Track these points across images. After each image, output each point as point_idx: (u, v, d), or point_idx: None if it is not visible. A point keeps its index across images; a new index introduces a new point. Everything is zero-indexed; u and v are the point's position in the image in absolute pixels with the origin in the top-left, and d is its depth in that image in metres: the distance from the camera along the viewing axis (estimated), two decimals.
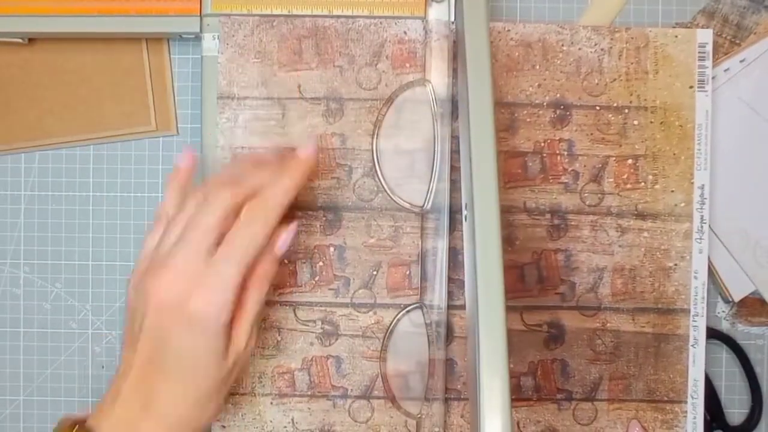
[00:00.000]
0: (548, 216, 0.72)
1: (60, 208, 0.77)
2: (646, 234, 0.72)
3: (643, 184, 0.72)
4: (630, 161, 0.72)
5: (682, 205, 0.72)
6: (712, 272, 0.75)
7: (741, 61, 0.75)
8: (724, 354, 0.77)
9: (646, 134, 0.73)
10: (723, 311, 0.77)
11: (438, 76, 0.70)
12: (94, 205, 0.77)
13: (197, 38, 0.72)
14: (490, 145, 0.57)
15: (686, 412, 0.73)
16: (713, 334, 0.76)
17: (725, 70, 0.75)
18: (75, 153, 0.76)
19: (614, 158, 0.72)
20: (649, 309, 0.72)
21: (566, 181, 0.72)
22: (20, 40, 0.74)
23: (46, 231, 0.77)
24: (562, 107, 0.72)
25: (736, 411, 0.77)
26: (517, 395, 0.72)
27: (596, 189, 0.72)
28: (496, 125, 0.57)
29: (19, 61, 0.76)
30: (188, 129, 0.76)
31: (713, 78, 0.74)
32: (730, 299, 0.76)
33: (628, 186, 0.72)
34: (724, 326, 0.77)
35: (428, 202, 0.70)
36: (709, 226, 0.74)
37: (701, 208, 0.72)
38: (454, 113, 0.70)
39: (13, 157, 0.77)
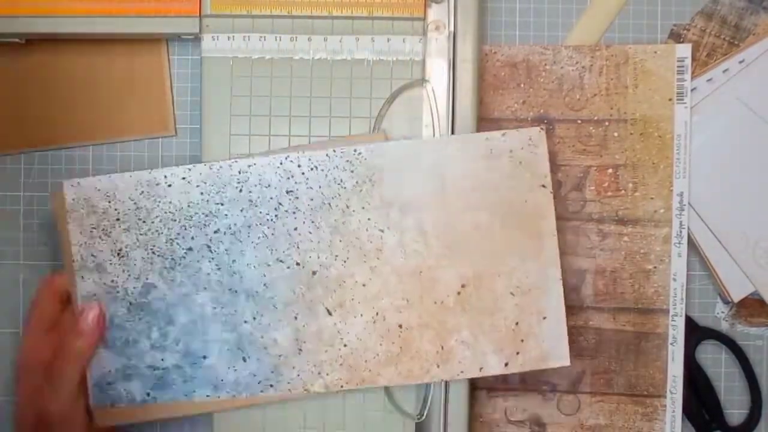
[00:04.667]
0: None
1: None
2: (626, 238, 0.75)
3: (623, 191, 0.75)
4: (610, 170, 0.76)
5: (662, 211, 0.75)
6: (711, 273, 0.75)
7: (740, 62, 0.75)
8: (724, 354, 0.78)
9: (626, 145, 0.76)
10: (722, 312, 0.77)
11: (438, 76, 0.71)
12: None
13: (197, 39, 0.72)
14: None
15: (665, 406, 0.76)
16: (712, 334, 0.77)
17: (724, 71, 0.75)
18: (74, 154, 0.77)
19: (595, 168, 0.76)
20: (630, 309, 0.75)
21: None
22: (17, 41, 0.73)
23: (46, 232, 0.77)
24: (545, 121, 0.77)
25: (735, 411, 0.78)
26: (506, 385, 0.78)
27: (578, 196, 0.75)
28: None
29: (16, 62, 0.76)
30: (187, 130, 0.77)
31: (710, 80, 0.75)
32: (730, 300, 0.76)
33: (609, 194, 0.75)
34: (724, 327, 0.77)
35: None
36: (708, 226, 0.74)
37: (680, 214, 0.75)
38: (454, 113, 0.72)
39: (13, 157, 0.77)
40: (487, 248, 0.70)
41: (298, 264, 0.70)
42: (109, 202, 0.69)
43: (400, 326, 0.70)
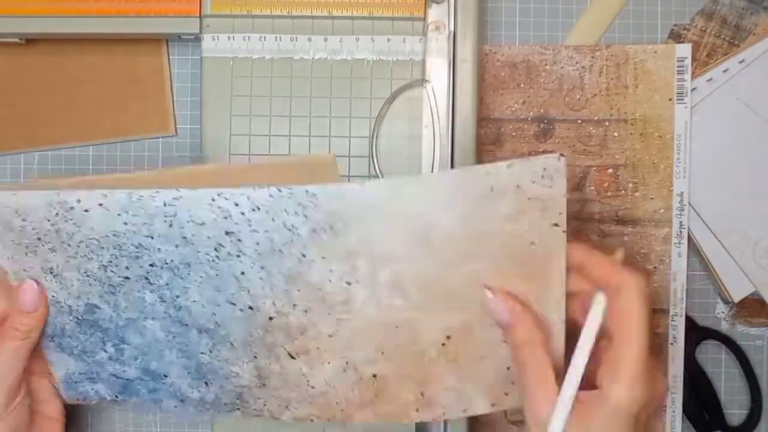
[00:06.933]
0: None
1: None
2: (626, 238, 0.75)
3: (623, 191, 0.75)
4: (610, 170, 0.76)
5: (662, 211, 0.74)
6: (711, 273, 0.75)
7: (740, 62, 0.75)
8: (724, 355, 0.78)
9: (626, 145, 0.76)
10: (722, 312, 0.77)
11: (438, 76, 0.71)
12: None
13: (197, 39, 0.72)
14: None
15: (665, 406, 0.76)
16: (713, 334, 0.77)
17: (724, 71, 0.75)
18: (74, 154, 0.77)
19: (595, 168, 0.76)
20: None
21: None
22: (17, 41, 0.73)
23: None
24: (545, 121, 0.77)
25: (735, 411, 0.78)
26: None
27: (578, 196, 0.75)
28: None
29: (16, 62, 0.76)
30: (187, 130, 0.77)
31: (710, 80, 0.75)
32: (730, 300, 0.76)
33: (609, 194, 0.75)
34: (724, 327, 0.77)
35: None
36: (708, 226, 0.74)
37: (680, 215, 0.75)
38: (454, 113, 0.71)
39: (13, 157, 0.77)
40: (478, 298, 0.57)
41: (251, 308, 0.60)
42: (24, 220, 0.59)
43: (374, 376, 0.61)
